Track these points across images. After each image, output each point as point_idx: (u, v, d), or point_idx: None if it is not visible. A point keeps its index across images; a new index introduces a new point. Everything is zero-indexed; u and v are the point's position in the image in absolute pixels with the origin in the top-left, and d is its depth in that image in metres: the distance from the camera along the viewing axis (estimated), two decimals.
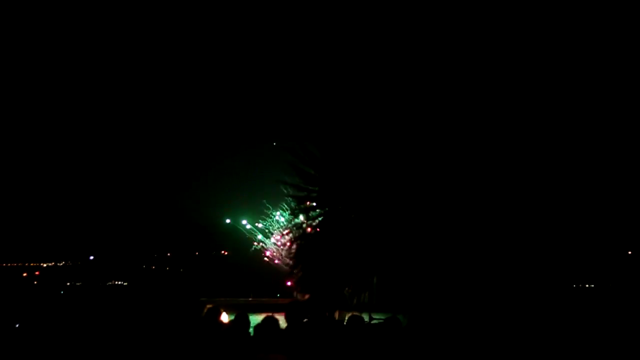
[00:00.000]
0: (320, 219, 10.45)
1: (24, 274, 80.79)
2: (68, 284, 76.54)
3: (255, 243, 36.02)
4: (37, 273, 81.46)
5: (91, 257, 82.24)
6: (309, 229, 10.74)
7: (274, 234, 34.78)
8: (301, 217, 11.22)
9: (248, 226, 36.55)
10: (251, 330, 7.52)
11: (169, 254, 69.17)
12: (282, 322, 7.81)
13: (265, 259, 35.92)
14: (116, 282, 75.87)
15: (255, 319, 7.72)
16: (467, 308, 10.10)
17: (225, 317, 7.99)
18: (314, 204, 10.57)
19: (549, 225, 10.31)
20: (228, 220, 38.81)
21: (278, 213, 33.81)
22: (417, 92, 10.36)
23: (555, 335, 9.95)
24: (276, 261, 34.71)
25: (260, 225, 35.76)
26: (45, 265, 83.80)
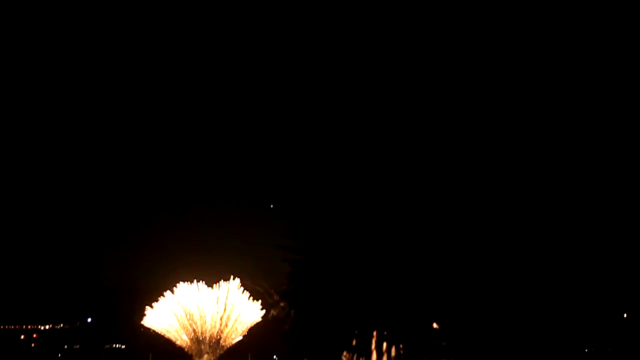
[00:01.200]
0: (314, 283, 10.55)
1: (22, 337, 79.56)
2: (66, 346, 75.29)
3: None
4: (35, 336, 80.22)
5: (89, 320, 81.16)
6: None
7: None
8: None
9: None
10: None
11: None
12: None
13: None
14: (114, 345, 74.63)
15: None
16: None
17: None
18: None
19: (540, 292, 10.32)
20: None
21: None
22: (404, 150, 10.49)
23: None
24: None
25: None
26: (42, 327, 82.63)
